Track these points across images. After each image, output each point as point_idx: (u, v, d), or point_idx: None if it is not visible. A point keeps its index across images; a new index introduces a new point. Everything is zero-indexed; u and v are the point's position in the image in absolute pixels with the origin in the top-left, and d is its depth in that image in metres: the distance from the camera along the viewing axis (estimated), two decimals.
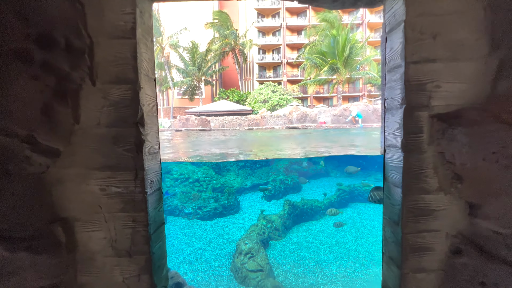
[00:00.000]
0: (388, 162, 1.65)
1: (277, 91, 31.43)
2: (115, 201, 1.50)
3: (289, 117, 21.55)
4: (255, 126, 22.49)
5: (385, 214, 1.71)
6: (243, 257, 5.18)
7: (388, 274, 1.70)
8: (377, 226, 7.56)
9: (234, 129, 22.16)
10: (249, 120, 23.34)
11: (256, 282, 4.64)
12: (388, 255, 1.67)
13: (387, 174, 1.66)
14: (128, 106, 1.46)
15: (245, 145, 11.20)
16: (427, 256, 1.52)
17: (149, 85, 1.57)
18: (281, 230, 6.99)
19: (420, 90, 1.43)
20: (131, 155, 1.47)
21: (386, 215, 1.68)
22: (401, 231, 1.50)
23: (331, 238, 6.84)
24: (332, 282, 4.85)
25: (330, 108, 21.87)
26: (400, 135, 1.48)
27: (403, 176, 1.47)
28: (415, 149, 1.46)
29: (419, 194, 1.48)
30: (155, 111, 1.70)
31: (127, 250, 1.50)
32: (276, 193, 10.61)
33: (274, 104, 29.97)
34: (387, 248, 1.70)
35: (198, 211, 8.47)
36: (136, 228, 1.51)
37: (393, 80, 1.55)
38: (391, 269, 1.65)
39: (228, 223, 7.98)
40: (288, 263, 5.61)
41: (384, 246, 1.75)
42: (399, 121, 1.49)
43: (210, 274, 5.11)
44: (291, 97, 31.61)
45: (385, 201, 1.70)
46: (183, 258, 5.80)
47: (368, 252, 6.00)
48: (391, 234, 1.63)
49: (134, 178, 1.49)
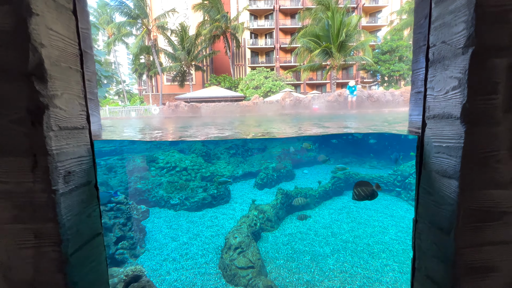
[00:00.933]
0: (431, 141, 1.13)
1: (270, 77, 30.52)
2: (1, 205, 0.93)
3: (282, 103, 20.90)
4: (247, 113, 21.79)
5: (422, 216, 1.20)
6: (232, 253, 4.73)
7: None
8: (374, 215, 7.25)
9: (226, 117, 21.42)
10: (241, 107, 22.59)
11: (246, 281, 4.21)
12: (426, 273, 1.18)
13: (429, 159, 1.14)
14: (8, 44, 0.86)
15: (238, 125, 10.67)
16: (489, 280, 1.04)
17: (58, 16, 0.96)
18: (273, 221, 6.58)
19: (500, 22, 0.89)
20: (23, 129, 0.89)
21: (425, 219, 1.17)
22: (454, 244, 1.00)
23: (327, 228, 6.48)
24: (329, 279, 4.47)
25: (324, 94, 21.31)
26: (461, 97, 0.94)
27: (462, 162, 0.95)
28: (485, 119, 0.93)
29: (485, 188, 0.97)
30: (76, 63, 1.10)
31: (28, 282, 0.95)
32: (269, 181, 10.17)
33: (267, 91, 29.15)
34: (423, 264, 1.21)
35: (185, 201, 7.96)
36: (41, 247, 0.94)
37: (449, 11, 0.99)
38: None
39: (217, 214, 7.52)
40: (281, 257, 5.21)
41: (418, 260, 1.26)
42: (460, 74, 0.94)
43: (196, 273, 4.65)
44: (284, 83, 30.81)
45: (423, 198, 1.20)
46: (166, 254, 5.32)
47: (366, 244, 5.66)
48: (433, 246, 1.13)
49: (32, 167, 0.91)
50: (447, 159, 1.01)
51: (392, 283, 4.33)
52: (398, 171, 9.06)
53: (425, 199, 1.17)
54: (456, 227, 0.98)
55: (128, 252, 5.35)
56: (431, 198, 1.12)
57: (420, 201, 1.21)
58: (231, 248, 4.77)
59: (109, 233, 5.34)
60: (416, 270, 1.26)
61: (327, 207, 8.01)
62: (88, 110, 1.14)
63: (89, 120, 1.15)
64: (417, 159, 1.26)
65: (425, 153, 1.17)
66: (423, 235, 1.19)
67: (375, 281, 4.39)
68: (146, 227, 6.40)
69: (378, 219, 6.96)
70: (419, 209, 1.22)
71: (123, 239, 5.53)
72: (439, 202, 1.07)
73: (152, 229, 6.54)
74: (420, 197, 1.21)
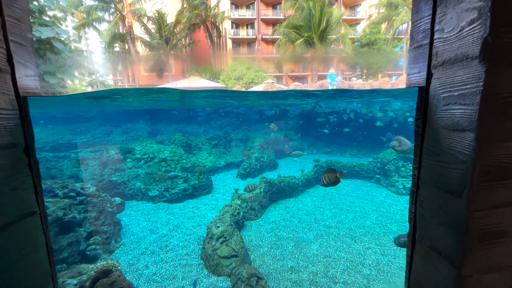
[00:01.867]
0: (438, 94, 0.98)
1: (252, 67, 30.11)
2: None
3: None
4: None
5: (426, 182, 1.06)
6: (214, 242, 4.54)
7: (427, 274, 1.11)
8: (355, 201, 7.36)
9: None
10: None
11: (229, 270, 4.05)
12: (430, 244, 1.05)
13: (435, 115, 0.99)
14: None
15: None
16: (502, 246, 0.92)
17: None
18: (257, 210, 6.45)
19: None
20: None
21: (430, 184, 1.03)
22: (466, 207, 0.87)
23: (310, 215, 6.47)
24: (313, 264, 4.43)
25: (306, 85, 21.38)
26: (482, 30, 0.78)
27: (480, 109, 0.80)
28: (510, 56, 0.78)
29: (504, 141, 0.84)
30: None
31: None
32: (252, 171, 10.02)
33: (249, 81, 28.75)
34: (427, 235, 1.08)
35: (165, 193, 7.60)
36: None
37: None
38: (434, 267, 1.05)
39: (199, 205, 7.26)
40: (265, 244, 5.11)
41: (419, 231, 1.13)
42: (481, 2, 0.79)
43: (176, 265, 4.41)
44: (267, 75, 30.55)
45: (427, 161, 1.05)
46: (144, 248, 5.01)
47: (348, 228, 5.70)
48: (439, 213, 0.99)
49: None
50: (461, 109, 0.86)
51: (375, 265, 4.37)
52: (377, 159, 9.27)
53: (429, 162, 1.03)
54: (470, 188, 0.84)
55: (101, 248, 4.98)
56: (438, 159, 0.98)
57: (424, 165, 1.07)
58: (214, 237, 4.58)
59: (79, 228, 4.93)
60: (417, 243, 1.13)
61: (310, 194, 8.02)
62: (9, 51, 0.86)
63: (13, 64, 0.87)
64: (419, 118, 1.12)
65: (430, 108, 1.02)
66: (426, 202, 1.05)
67: (358, 264, 4.42)
68: (122, 221, 6.02)
69: (359, 205, 7.08)
70: (422, 174, 1.08)
71: (96, 234, 5.14)
72: (448, 162, 0.93)
73: (128, 223, 6.16)
74: (423, 160, 1.07)
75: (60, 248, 4.56)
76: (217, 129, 18.11)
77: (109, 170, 8.17)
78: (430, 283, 1.05)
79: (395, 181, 8.21)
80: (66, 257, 4.52)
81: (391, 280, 3.99)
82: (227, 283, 3.94)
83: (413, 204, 1.17)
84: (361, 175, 9.55)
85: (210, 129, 19.57)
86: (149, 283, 3.96)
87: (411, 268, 1.19)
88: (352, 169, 9.69)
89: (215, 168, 10.72)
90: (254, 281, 3.62)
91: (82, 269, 3.50)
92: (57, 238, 4.60)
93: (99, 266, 3.26)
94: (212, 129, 19.05)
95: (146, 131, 18.88)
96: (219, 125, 20.70)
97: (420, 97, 1.11)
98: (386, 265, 4.35)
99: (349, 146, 14.26)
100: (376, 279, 4.03)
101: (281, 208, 7.02)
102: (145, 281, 4.01)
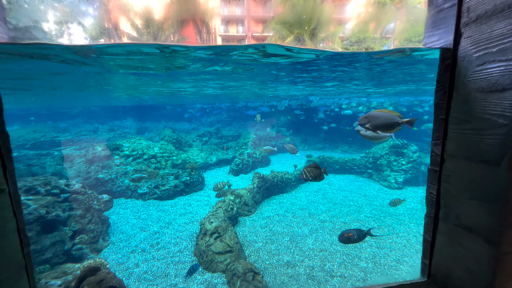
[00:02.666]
0: (470, 54, 0.88)
1: None
2: None
3: None
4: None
5: (453, 154, 0.97)
6: (208, 238, 4.38)
7: (454, 255, 1.01)
8: (348, 196, 7.36)
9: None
10: None
11: (224, 266, 3.92)
12: (458, 222, 0.96)
13: (465, 78, 0.89)
14: None
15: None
16: None
17: None
18: (250, 205, 6.33)
19: None
20: None
21: (459, 155, 0.94)
22: (507, 176, 0.78)
23: (304, 210, 6.41)
24: (309, 258, 4.36)
25: None
26: None
27: None
28: None
29: None
30: None
31: None
32: (244, 167, 9.89)
33: None
34: (453, 212, 0.99)
35: (155, 190, 7.36)
36: None
37: None
38: (464, 246, 0.96)
39: (191, 201, 7.06)
40: (260, 240, 5.00)
41: (444, 209, 1.04)
42: None
43: (169, 262, 4.23)
44: None
45: (455, 131, 0.96)
46: (134, 246, 4.79)
47: (343, 222, 5.68)
48: (471, 187, 0.90)
49: None
50: (500, 66, 0.77)
51: (371, 258, 4.35)
52: (369, 154, 9.33)
53: (458, 131, 0.93)
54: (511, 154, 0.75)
55: (88, 247, 4.73)
56: (469, 126, 0.89)
57: (451, 136, 0.97)
58: (207, 233, 4.42)
59: (63, 226, 4.65)
60: (441, 222, 1.04)
61: (303, 189, 7.97)
62: None
63: None
64: (441, 89, 1.02)
65: (459, 72, 0.93)
66: (454, 176, 0.96)
67: (355, 257, 4.38)
68: (110, 219, 5.76)
69: (353, 199, 7.08)
70: (449, 146, 0.98)
71: (82, 233, 4.88)
72: (482, 128, 0.83)
73: (117, 221, 5.90)
74: (449, 131, 0.98)
75: (43, 248, 4.28)
76: (208, 126, 17.85)
77: (96, 167, 7.83)
78: (458, 264, 0.96)
79: (387, 175, 8.29)
80: (50, 257, 4.25)
81: (388, 272, 3.97)
82: (222, 279, 3.80)
83: (433, 183, 1.08)
84: (353, 170, 9.60)
85: (201, 126, 19.27)
86: (140, 282, 3.77)
87: (432, 251, 1.10)
88: (344, 164, 9.73)
89: (207, 164, 10.52)
90: (251, 276, 3.50)
91: (67, 269, 3.28)
92: (39, 237, 4.31)
93: (85, 265, 3.05)
94: (203, 126, 18.77)
95: (134, 128, 18.38)
96: (210, 122, 20.44)
97: (444, 64, 1.01)
98: (382, 258, 4.33)
99: (340, 142, 14.36)
100: (373, 271, 4.00)
101: (274, 203, 6.93)
102: (136, 280, 3.81)
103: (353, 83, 9.26)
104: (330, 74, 7.60)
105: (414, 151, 8.44)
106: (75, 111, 21.26)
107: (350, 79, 8.37)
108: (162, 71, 6.53)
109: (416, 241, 4.86)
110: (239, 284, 3.44)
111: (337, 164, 9.79)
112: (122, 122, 20.67)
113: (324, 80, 8.75)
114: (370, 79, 8.28)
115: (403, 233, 5.18)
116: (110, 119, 20.96)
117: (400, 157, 8.52)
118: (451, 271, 0.99)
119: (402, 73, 7.32)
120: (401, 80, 8.41)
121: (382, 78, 8.18)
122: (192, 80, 7.87)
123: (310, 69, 6.94)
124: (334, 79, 8.27)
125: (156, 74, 6.70)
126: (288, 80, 8.20)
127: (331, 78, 8.25)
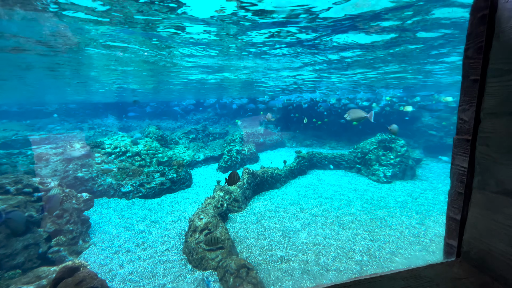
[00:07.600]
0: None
1: None
2: None
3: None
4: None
5: (494, 111, 0.85)
6: (198, 235, 4.16)
7: (493, 227, 0.89)
8: (339, 190, 7.36)
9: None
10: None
11: (215, 263, 3.72)
12: (499, 188, 0.84)
13: (508, 19, 0.78)
14: None
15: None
16: None
17: None
18: (241, 201, 6.15)
19: None
20: None
21: (502, 111, 0.82)
22: None
23: (295, 205, 6.31)
24: (303, 252, 4.25)
25: None
26: None
27: None
28: None
29: None
30: None
31: None
32: (233, 164, 9.68)
33: None
34: (492, 177, 0.86)
35: (140, 188, 7.00)
36: None
37: None
38: (507, 215, 0.84)
39: (178, 199, 6.77)
40: (252, 235, 4.83)
41: (480, 176, 0.92)
42: None
43: (156, 261, 3.97)
44: None
45: (494, 83, 0.83)
46: (118, 246, 4.48)
47: (335, 216, 5.63)
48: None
49: None
50: None
51: (366, 251, 4.30)
52: (358, 149, 9.41)
53: (500, 85, 0.81)
54: None
55: (66, 249, 4.36)
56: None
57: (490, 91, 0.85)
58: (197, 230, 4.20)
59: (37, 228, 4.26)
60: (475, 192, 0.92)
61: (293, 185, 7.89)
62: None
63: None
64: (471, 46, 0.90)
65: (501, 17, 0.81)
66: (495, 137, 0.84)
67: (349, 250, 4.32)
68: (91, 219, 5.38)
69: (343, 194, 7.08)
70: (486, 103, 0.86)
71: (59, 234, 4.49)
72: None
73: (99, 221, 5.53)
74: (488, 86, 0.86)
75: (13, 253, 3.88)
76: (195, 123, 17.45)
77: (75, 165, 7.34)
78: (499, 237, 0.84)
79: (376, 170, 8.37)
80: (21, 262, 3.86)
81: (384, 265, 3.93)
82: (214, 277, 3.60)
83: (460, 153, 0.96)
84: (342, 165, 9.65)
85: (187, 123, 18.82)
86: (125, 284, 3.49)
87: (463, 226, 0.98)
88: (333, 160, 9.76)
89: (194, 162, 10.21)
90: (244, 273, 3.33)
91: (41, 273, 2.96)
92: (9, 240, 3.91)
93: (61, 267, 2.76)
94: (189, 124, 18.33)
95: (116, 126, 17.62)
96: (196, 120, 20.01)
97: (477, 15, 0.89)
98: (377, 251, 4.30)
99: (328, 139, 14.46)
100: (368, 264, 3.95)
101: (265, 199, 6.79)
102: (121, 282, 3.53)
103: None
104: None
105: (402, 145, 8.59)
106: (51, 108, 20.10)
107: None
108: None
109: (409, 233, 4.88)
110: (232, 281, 3.26)
111: (326, 159, 9.81)
112: (103, 120, 19.78)
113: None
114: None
115: (395, 225, 5.19)
116: (89, 117, 19.99)
117: (388, 152, 8.65)
118: (491, 246, 0.87)
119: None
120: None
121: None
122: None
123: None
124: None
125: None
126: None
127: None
